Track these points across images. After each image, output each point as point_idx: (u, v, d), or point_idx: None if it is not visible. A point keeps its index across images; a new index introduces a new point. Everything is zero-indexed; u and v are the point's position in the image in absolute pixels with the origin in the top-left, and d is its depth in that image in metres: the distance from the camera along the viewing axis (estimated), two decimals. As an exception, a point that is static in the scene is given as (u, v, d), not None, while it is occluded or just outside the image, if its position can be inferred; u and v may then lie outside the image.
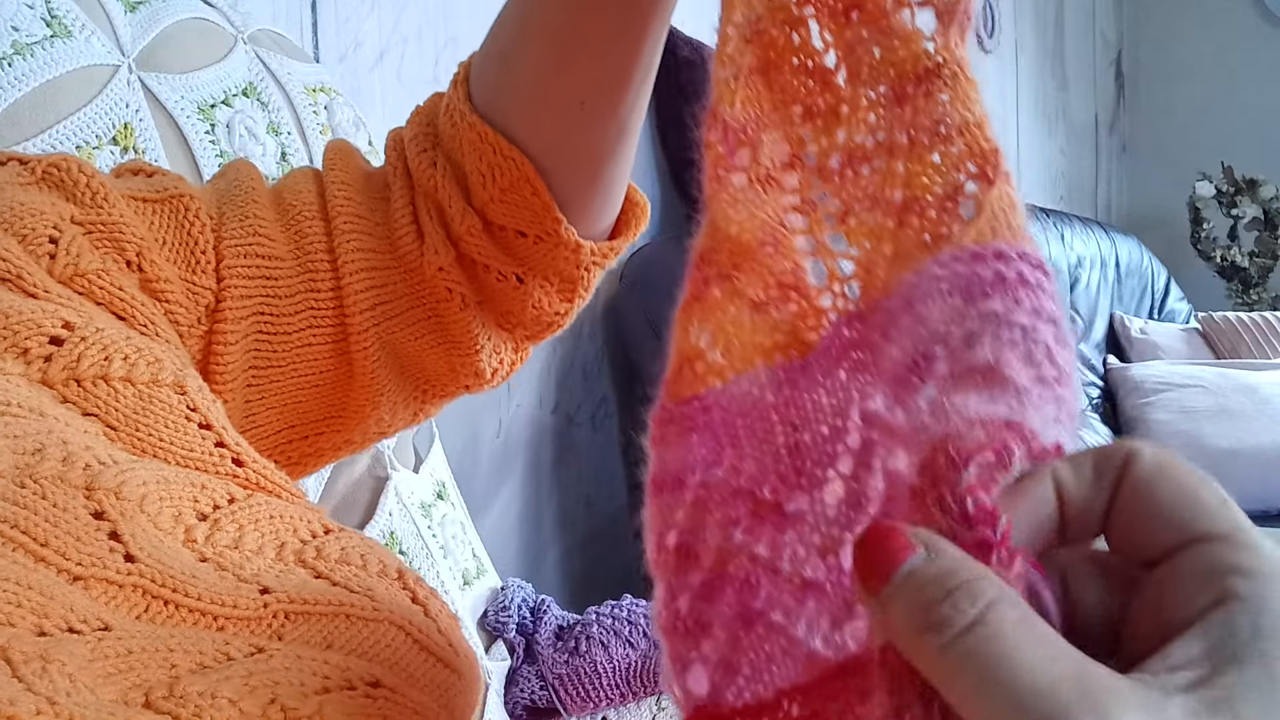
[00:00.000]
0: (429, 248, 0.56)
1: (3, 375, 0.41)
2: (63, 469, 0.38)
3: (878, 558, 0.26)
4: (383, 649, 0.42)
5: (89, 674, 0.33)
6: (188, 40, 0.79)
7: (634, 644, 1.06)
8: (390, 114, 1.29)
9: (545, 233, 0.55)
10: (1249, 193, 3.01)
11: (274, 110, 0.84)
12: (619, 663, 1.05)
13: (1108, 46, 3.42)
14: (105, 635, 0.34)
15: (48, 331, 0.43)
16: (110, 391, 0.44)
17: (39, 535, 0.36)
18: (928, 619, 0.24)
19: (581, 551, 1.60)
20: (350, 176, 0.57)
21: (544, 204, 0.54)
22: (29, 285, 0.45)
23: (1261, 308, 3.01)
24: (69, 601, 0.35)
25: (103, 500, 0.38)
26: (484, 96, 0.55)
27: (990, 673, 0.23)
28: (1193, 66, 3.37)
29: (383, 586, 0.45)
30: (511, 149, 0.53)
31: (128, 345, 0.46)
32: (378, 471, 0.90)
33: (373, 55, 1.27)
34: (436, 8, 1.35)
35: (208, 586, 0.39)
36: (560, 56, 0.51)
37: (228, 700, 0.34)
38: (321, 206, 0.56)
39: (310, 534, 0.46)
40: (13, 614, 0.33)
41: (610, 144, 0.54)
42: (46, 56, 0.67)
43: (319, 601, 0.41)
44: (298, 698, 0.36)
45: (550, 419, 1.55)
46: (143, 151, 0.72)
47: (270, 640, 0.39)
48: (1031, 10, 2.95)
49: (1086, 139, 3.32)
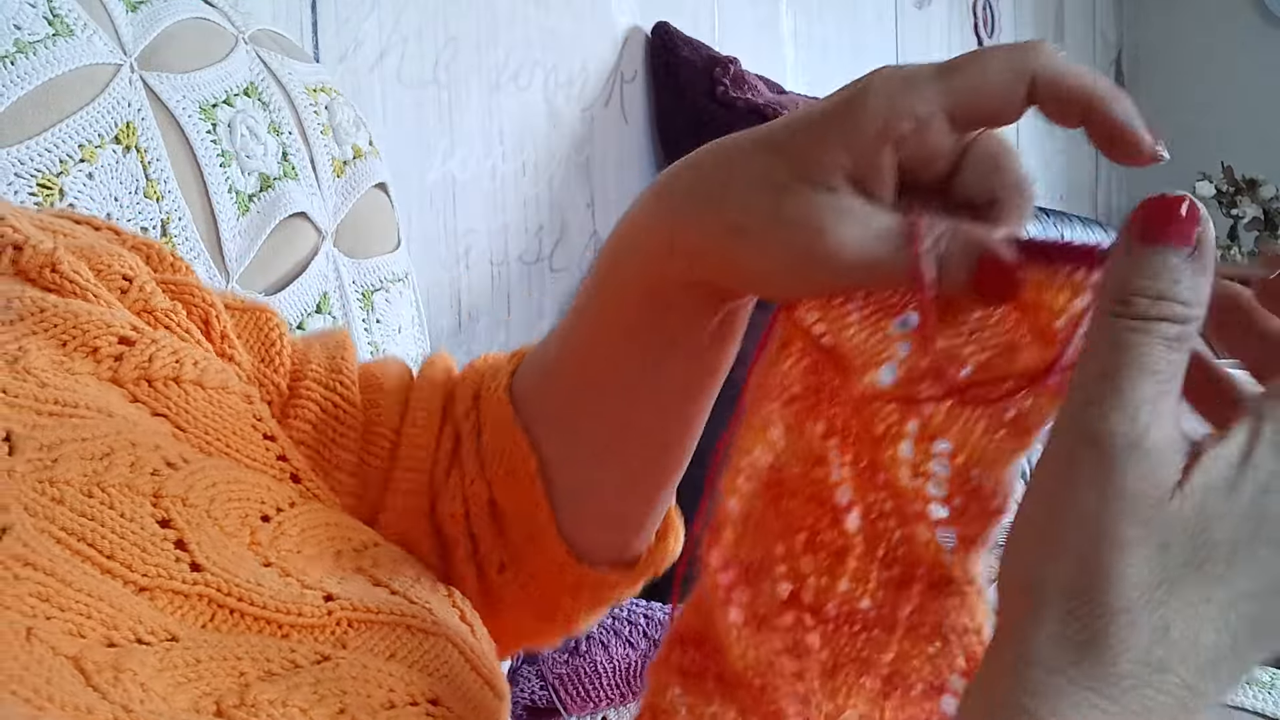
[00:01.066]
0: (449, 494, 0.52)
1: (72, 375, 0.41)
2: (130, 475, 0.38)
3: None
4: (441, 664, 0.42)
5: (160, 683, 0.33)
6: (189, 40, 0.80)
7: (634, 644, 1.06)
8: (390, 114, 1.30)
9: (537, 530, 0.50)
10: (1249, 193, 3.01)
11: (275, 110, 0.84)
12: (619, 663, 1.05)
13: (1108, 46, 3.42)
14: (173, 645, 0.35)
15: (117, 332, 0.43)
16: (181, 393, 0.44)
17: (105, 548, 0.35)
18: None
19: (582, 551, 1.60)
20: (433, 410, 0.53)
21: (539, 499, 0.49)
22: (98, 300, 0.44)
23: (1261, 308, 3.01)
24: (137, 613, 0.35)
25: (169, 508, 0.38)
26: (523, 384, 0.51)
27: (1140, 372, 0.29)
28: (1193, 66, 3.37)
29: (437, 600, 0.45)
30: (525, 443, 0.49)
31: (198, 353, 0.46)
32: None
33: (373, 55, 1.27)
34: (436, 8, 1.35)
35: (273, 594, 0.39)
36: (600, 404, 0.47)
37: (299, 709, 0.34)
38: (397, 426, 0.52)
39: (362, 544, 0.46)
40: (83, 625, 0.33)
41: (625, 491, 0.50)
42: (48, 55, 0.67)
43: (381, 610, 0.41)
44: (366, 711, 0.36)
45: (550, 418, 1.55)
46: (144, 150, 0.72)
47: (335, 648, 0.39)
48: (1031, 10, 2.95)
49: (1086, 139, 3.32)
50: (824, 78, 2.09)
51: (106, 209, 0.70)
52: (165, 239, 0.73)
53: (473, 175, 1.42)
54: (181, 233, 0.74)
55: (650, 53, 1.66)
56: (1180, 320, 0.30)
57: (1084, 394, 0.29)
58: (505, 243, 1.47)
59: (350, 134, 0.91)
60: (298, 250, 0.83)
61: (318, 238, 0.85)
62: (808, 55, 2.06)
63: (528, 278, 1.50)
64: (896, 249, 0.34)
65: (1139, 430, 0.29)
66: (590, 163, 1.57)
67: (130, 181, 0.72)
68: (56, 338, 0.41)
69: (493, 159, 1.44)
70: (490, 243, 1.45)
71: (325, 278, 0.85)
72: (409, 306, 0.95)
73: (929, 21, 2.47)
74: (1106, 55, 3.43)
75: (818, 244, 0.35)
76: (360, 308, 0.88)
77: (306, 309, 0.83)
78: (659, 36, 1.66)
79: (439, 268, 1.38)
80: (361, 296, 0.89)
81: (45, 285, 0.43)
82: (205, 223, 0.76)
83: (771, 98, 1.69)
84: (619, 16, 1.62)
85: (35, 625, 0.32)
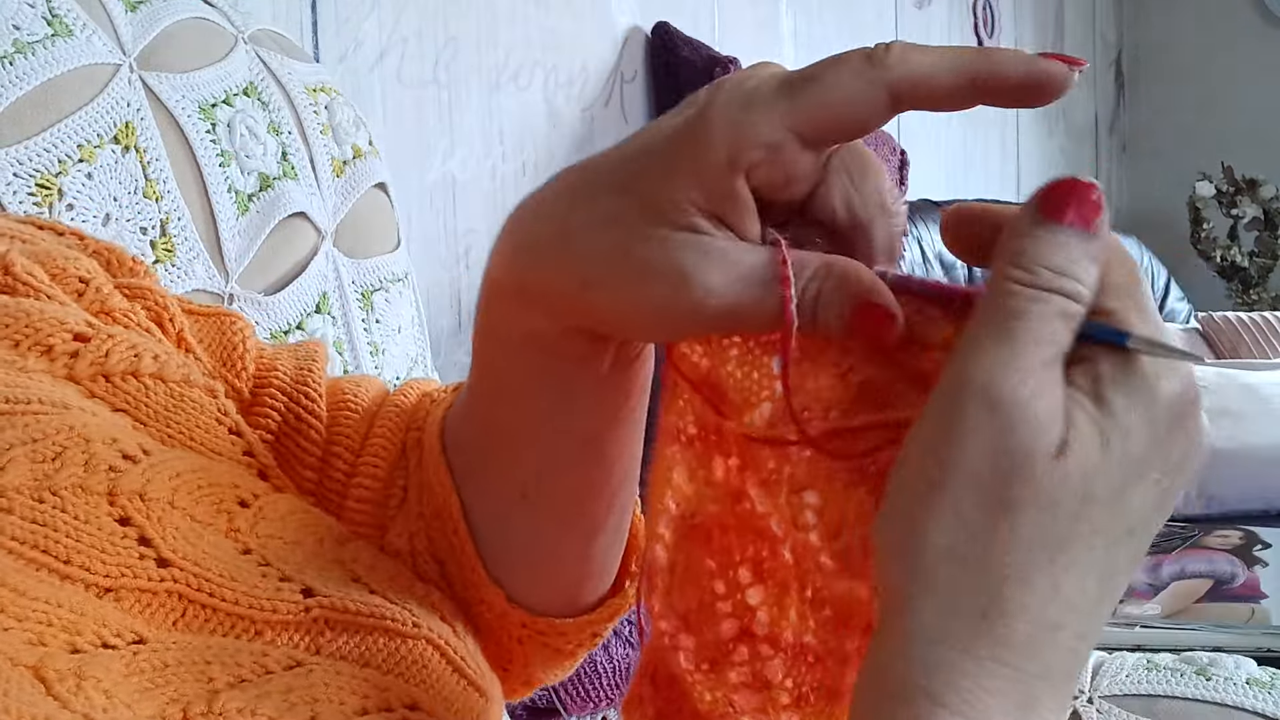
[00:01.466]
0: (396, 530, 0.49)
1: (25, 373, 0.40)
2: (84, 475, 0.37)
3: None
4: (419, 669, 0.41)
5: (125, 689, 0.32)
6: (188, 40, 0.80)
7: (634, 644, 1.06)
8: (390, 114, 1.30)
9: (469, 572, 0.47)
10: (1249, 193, 3.01)
11: (275, 110, 0.84)
12: (619, 663, 1.05)
13: (1108, 46, 3.42)
14: (140, 648, 0.34)
15: (71, 329, 0.42)
16: (140, 387, 0.42)
17: (60, 553, 0.35)
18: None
19: (581, 551, 1.60)
20: (393, 440, 0.50)
21: (464, 541, 0.47)
22: (52, 300, 0.43)
23: (1261, 308, 3.01)
24: (101, 616, 0.34)
25: (126, 505, 0.37)
26: (451, 420, 0.48)
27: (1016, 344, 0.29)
28: (1193, 66, 3.37)
29: (416, 599, 0.44)
30: (448, 481, 0.46)
31: (158, 347, 0.44)
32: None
33: (373, 55, 1.27)
34: (436, 8, 1.35)
35: (248, 589, 0.38)
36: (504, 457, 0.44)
37: (266, 718, 0.33)
38: (358, 450, 0.49)
39: (344, 536, 0.45)
40: (44, 633, 0.32)
41: (554, 543, 0.46)
42: (47, 55, 0.67)
43: (360, 612, 0.40)
44: (338, 718, 0.35)
45: (550, 419, 1.55)
46: (144, 150, 0.72)
47: (308, 654, 0.38)
48: (1031, 10, 2.95)
49: (1086, 139, 3.32)
50: (824, 78, 2.09)
51: (106, 209, 0.70)
52: (164, 239, 0.73)
53: (473, 175, 1.42)
54: (181, 233, 0.74)
55: (650, 53, 1.66)
56: (1076, 298, 0.30)
57: (978, 354, 0.29)
58: (505, 243, 1.46)
59: (350, 134, 0.91)
60: (297, 250, 0.83)
61: (317, 238, 0.85)
62: (808, 55, 2.06)
63: (527, 278, 1.50)
64: (766, 292, 0.32)
65: (1030, 393, 0.28)
66: (590, 163, 1.57)
67: (129, 181, 0.72)
68: (9, 337, 0.40)
69: (493, 159, 1.44)
70: (490, 243, 1.44)
71: (325, 278, 0.85)
72: (409, 306, 0.95)
73: (929, 21, 2.47)
74: (1106, 55, 3.43)
75: (682, 293, 0.32)
76: (360, 308, 0.88)
77: (306, 309, 0.83)
78: (659, 36, 1.66)
79: (439, 268, 1.38)
80: (361, 296, 0.89)
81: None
82: (204, 223, 0.76)
83: (771, 98, 1.68)
84: (619, 16, 1.62)
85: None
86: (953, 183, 2.58)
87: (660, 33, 1.66)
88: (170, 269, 0.73)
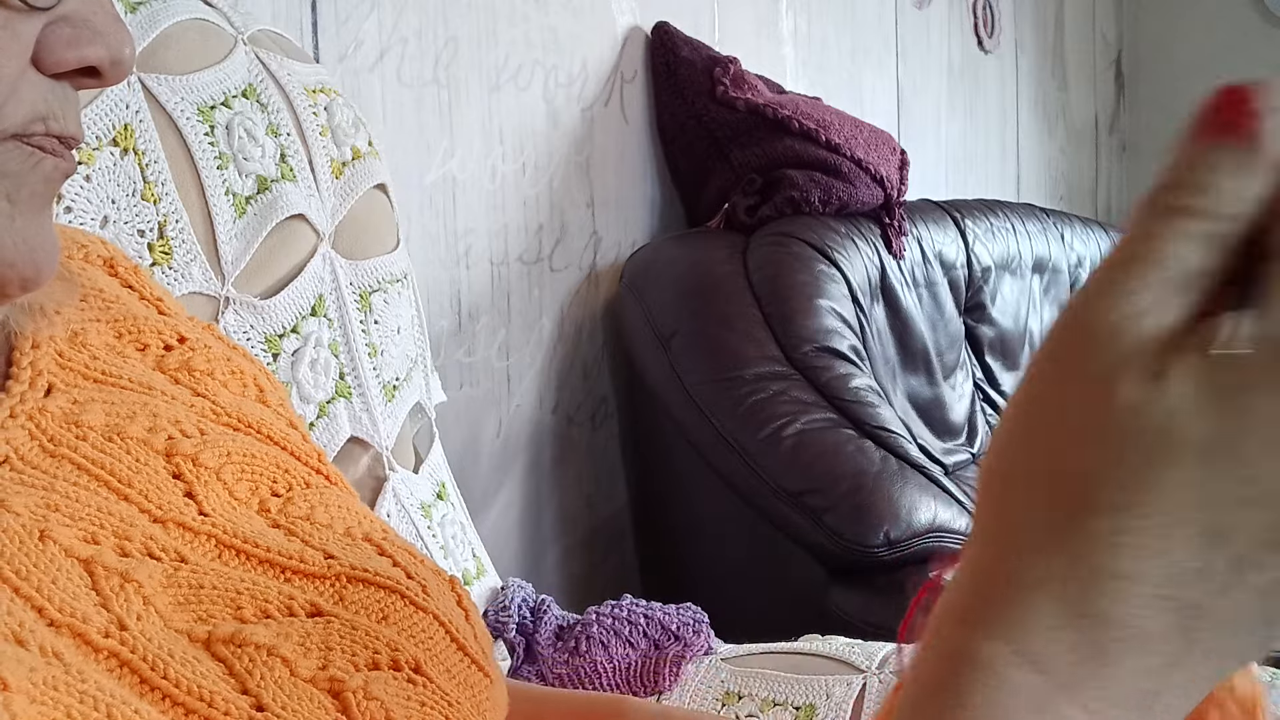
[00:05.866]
0: None
1: (121, 356, 0.46)
2: (147, 434, 0.42)
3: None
4: (424, 639, 0.44)
5: (162, 599, 0.36)
6: (188, 41, 0.79)
7: (634, 644, 1.06)
8: (390, 114, 1.29)
9: None
10: (1249, 192, 3.00)
11: (274, 111, 0.84)
12: (619, 663, 1.05)
13: (1108, 46, 3.42)
14: (182, 566, 0.38)
15: (166, 339, 0.49)
16: (215, 385, 0.49)
17: (124, 477, 0.39)
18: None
19: (581, 551, 1.60)
20: None
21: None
22: (164, 307, 0.51)
23: (1262, 307, 3.00)
24: (150, 533, 0.38)
25: (180, 464, 0.42)
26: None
27: None
28: (1193, 66, 3.37)
29: (435, 584, 0.47)
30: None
31: (244, 364, 0.51)
32: (377, 472, 0.90)
33: (373, 55, 1.27)
34: (436, 8, 1.35)
35: (278, 545, 0.42)
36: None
37: (282, 659, 0.36)
38: None
39: (378, 529, 0.48)
40: (96, 533, 0.36)
41: None
42: (46, 57, 0.67)
43: (379, 574, 0.44)
44: (348, 668, 0.38)
45: (550, 419, 1.55)
46: (142, 153, 0.72)
47: (332, 602, 0.41)
48: (1031, 10, 2.95)
49: (1086, 139, 3.32)
50: (824, 78, 2.09)
51: (104, 211, 0.70)
52: (162, 241, 0.73)
53: (473, 175, 1.41)
54: (178, 235, 0.74)
55: (650, 53, 1.66)
56: (1204, 216, 0.26)
57: (1088, 281, 0.27)
58: (505, 243, 1.47)
59: (349, 135, 0.90)
60: (295, 252, 0.83)
61: (316, 239, 0.85)
62: (808, 55, 2.06)
63: (528, 278, 1.50)
64: None
65: (1126, 314, 0.25)
66: (590, 163, 1.57)
67: (127, 184, 0.71)
68: (114, 327, 0.47)
69: (493, 159, 1.44)
70: (490, 243, 1.44)
71: (321, 280, 0.85)
72: (408, 307, 0.95)
73: (929, 21, 2.46)
74: (1106, 55, 3.43)
75: None
76: (358, 309, 0.88)
77: (301, 312, 0.83)
78: (659, 36, 1.65)
79: (439, 268, 1.38)
80: (359, 298, 0.89)
81: (124, 281, 0.50)
82: (202, 225, 0.76)
83: (771, 98, 1.68)
84: (619, 16, 1.62)
85: (49, 528, 0.34)
86: (953, 183, 2.58)
87: (660, 33, 1.65)
88: (167, 271, 0.73)
